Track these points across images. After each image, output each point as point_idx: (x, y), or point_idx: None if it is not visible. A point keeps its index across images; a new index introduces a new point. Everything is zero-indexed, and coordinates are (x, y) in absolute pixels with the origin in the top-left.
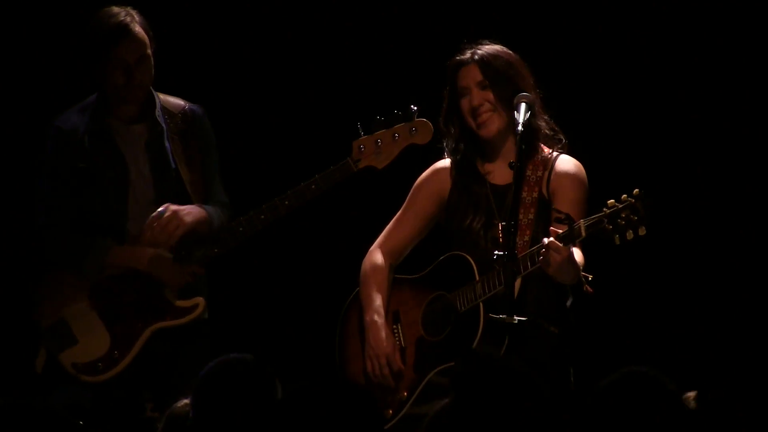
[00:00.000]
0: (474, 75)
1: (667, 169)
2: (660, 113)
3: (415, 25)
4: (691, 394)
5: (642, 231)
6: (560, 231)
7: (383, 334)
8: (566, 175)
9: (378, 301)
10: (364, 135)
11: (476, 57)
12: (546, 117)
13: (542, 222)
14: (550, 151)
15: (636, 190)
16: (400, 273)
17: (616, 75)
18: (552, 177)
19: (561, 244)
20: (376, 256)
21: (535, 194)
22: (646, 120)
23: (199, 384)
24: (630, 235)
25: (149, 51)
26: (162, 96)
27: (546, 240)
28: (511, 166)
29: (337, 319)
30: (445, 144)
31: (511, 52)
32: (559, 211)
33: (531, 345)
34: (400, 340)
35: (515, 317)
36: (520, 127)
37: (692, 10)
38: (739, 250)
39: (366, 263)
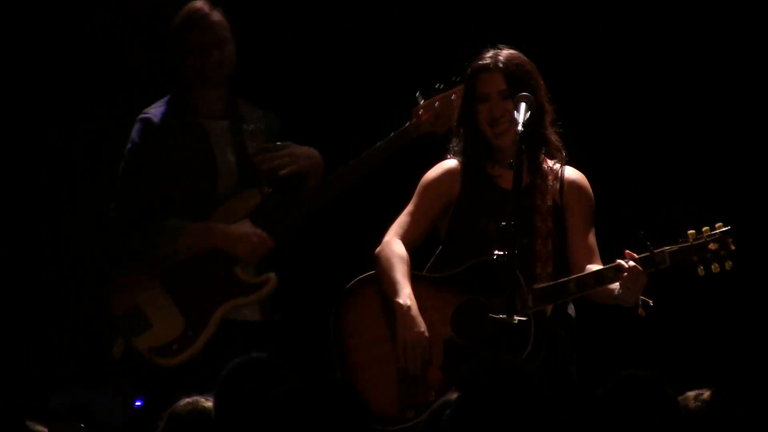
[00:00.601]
0: (497, 83)
1: (658, 175)
2: (649, 123)
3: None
4: (691, 394)
5: (729, 265)
6: (636, 255)
7: (420, 320)
8: (579, 188)
9: (408, 288)
10: (423, 101)
11: (500, 65)
12: (555, 129)
13: (560, 230)
14: (554, 162)
15: (719, 224)
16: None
17: (611, 80)
18: (564, 188)
19: (642, 269)
20: (398, 244)
21: (549, 203)
22: (638, 127)
23: (220, 384)
24: (716, 268)
25: (228, 35)
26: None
27: (625, 263)
28: (511, 165)
29: (333, 311)
30: (452, 144)
31: (529, 60)
32: (644, 235)
33: (545, 347)
34: None
35: (515, 317)
36: (520, 127)
37: (695, 14)
38: (739, 251)
39: (386, 250)
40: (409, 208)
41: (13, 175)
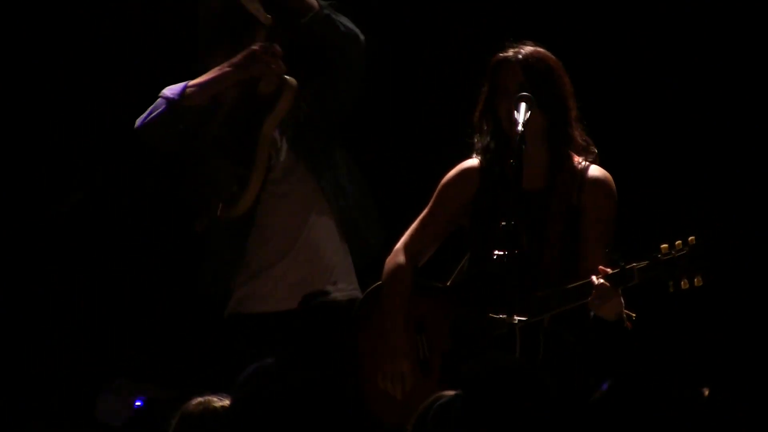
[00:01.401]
0: (516, 76)
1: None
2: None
3: None
4: (691, 393)
5: (698, 282)
6: (609, 270)
7: (403, 346)
8: (599, 189)
9: (401, 308)
10: None
11: (520, 57)
12: (580, 127)
13: (572, 234)
14: (580, 160)
15: (692, 238)
16: (421, 277)
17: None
18: (585, 188)
19: (610, 286)
20: (400, 257)
21: (565, 204)
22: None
23: (238, 388)
24: (685, 284)
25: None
26: None
27: (596, 280)
28: (510, 165)
29: (352, 315)
30: (475, 140)
31: (553, 56)
32: (614, 252)
33: (546, 352)
34: (423, 351)
35: (515, 317)
36: (520, 127)
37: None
38: (741, 251)
39: (391, 263)
40: (424, 213)
41: (14, 174)
